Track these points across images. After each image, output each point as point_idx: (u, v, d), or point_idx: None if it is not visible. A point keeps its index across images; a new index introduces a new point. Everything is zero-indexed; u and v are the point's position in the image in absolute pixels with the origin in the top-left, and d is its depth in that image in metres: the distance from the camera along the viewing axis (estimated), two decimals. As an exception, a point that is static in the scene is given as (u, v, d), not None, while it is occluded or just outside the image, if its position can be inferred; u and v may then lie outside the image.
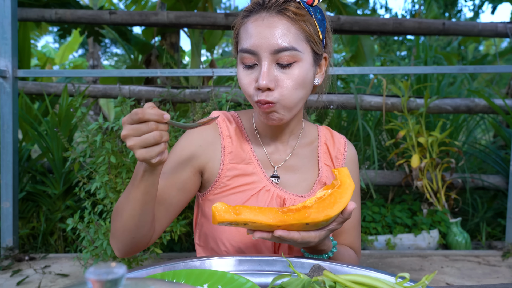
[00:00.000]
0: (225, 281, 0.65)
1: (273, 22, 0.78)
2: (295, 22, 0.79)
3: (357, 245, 0.99)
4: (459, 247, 2.72)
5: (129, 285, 0.37)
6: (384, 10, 8.44)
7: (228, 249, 0.88)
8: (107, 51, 14.83)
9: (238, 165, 0.91)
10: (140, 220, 0.78)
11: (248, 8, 0.83)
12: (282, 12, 0.79)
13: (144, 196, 0.75)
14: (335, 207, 0.70)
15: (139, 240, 0.82)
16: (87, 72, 3.69)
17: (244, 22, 0.82)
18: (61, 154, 2.64)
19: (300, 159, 0.95)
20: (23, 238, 2.70)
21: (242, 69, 0.83)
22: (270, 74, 0.78)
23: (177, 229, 1.93)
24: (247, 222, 0.66)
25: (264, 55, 0.78)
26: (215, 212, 0.66)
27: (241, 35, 0.83)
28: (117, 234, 0.81)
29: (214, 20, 3.29)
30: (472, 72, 2.78)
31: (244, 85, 0.82)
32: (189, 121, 2.11)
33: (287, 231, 0.69)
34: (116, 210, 0.80)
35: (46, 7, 3.70)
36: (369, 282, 0.57)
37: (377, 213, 2.87)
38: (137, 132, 0.66)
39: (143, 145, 0.67)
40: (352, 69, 2.73)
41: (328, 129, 1.03)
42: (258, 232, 0.69)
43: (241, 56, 0.81)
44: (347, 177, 0.75)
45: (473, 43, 7.60)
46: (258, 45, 0.78)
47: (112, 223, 0.82)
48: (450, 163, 2.85)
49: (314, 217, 0.68)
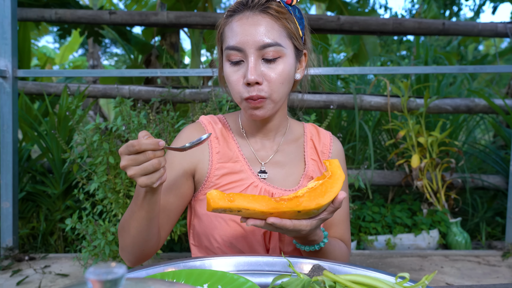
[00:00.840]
0: (225, 281, 0.65)
1: (258, 20, 0.82)
2: (277, 20, 0.83)
3: (347, 238, 1.01)
4: (459, 247, 2.72)
5: (129, 285, 0.37)
6: (384, 9, 8.43)
7: (220, 244, 0.91)
8: (107, 51, 14.82)
9: (226, 164, 0.93)
10: (147, 235, 0.83)
11: (231, 8, 0.87)
12: (265, 10, 0.83)
13: (148, 214, 0.79)
14: (326, 196, 0.72)
15: (149, 251, 0.87)
16: (87, 72, 3.69)
17: (229, 22, 0.86)
18: (60, 155, 2.64)
19: (287, 154, 0.98)
20: (23, 238, 2.70)
21: (229, 66, 0.86)
22: (257, 69, 0.82)
23: (177, 229, 1.93)
24: (241, 209, 0.68)
25: (251, 51, 0.82)
26: (210, 199, 0.67)
27: (226, 34, 0.86)
28: (128, 249, 0.85)
29: (214, 20, 3.29)
30: (472, 72, 2.78)
31: (233, 82, 0.85)
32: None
33: (280, 219, 0.70)
34: (122, 227, 0.85)
35: (46, 7, 3.70)
36: (369, 282, 0.57)
37: (377, 213, 2.87)
38: (136, 162, 0.70)
39: (143, 173, 0.70)
40: (352, 69, 2.73)
41: (313, 126, 1.07)
42: (251, 219, 0.71)
43: (227, 53, 0.85)
44: (337, 168, 0.77)
45: (473, 43, 7.60)
46: (244, 42, 0.82)
47: (120, 239, 0.86)
48: (450, 163, 2.85)
49: (306, 205, 0.70)
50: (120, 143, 2.08)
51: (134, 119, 1.97)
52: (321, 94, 2.94)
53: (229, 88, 0.88)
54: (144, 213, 0.79)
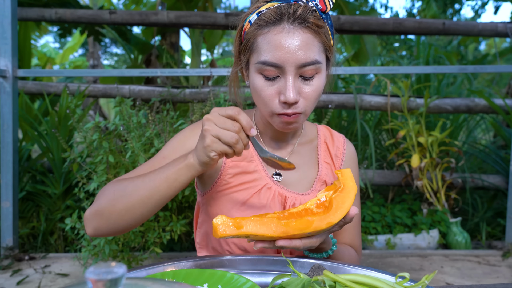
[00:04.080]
0: (225, 280, 0.65)
1: (298, 35, 0.77)
2: (317, 35, 0.79)
3: (358, 244, 0.99)
4: (459, 247, 2.72)
5: (129, 285, 0.37)
6: (384, 9, 8.43)
7: (231, 248, 0.89)
8: (107, 51, 14.81)
9: (240, 163, 0.91)
10: (148, 211, 0.77)
11: (267, 17, 0.79)
12: (305, 24, 0.78)
13: (167, 190, 0.75)
14: (337, 213, 0.70)
15: (129, 228, 0.79)
16: (87, 72, 3.69)
17: (264, 33, 0.79)
18: (61, 154, 2.64)
19: (301, 157, 0.96)
20: (23, 238, 2.70)
21: (263, 81, 0.81)
22: (296, 87, 0.79)
23: (177, 228, 1.93)
24: (249, 235, 0.67)
25: (290, 69, 0.78)
26: (216, 227, 0.66)
27: (260, 46, 0.80)
28: (111, 216, 0.77)
29: (214, 20, 3.29)
30: (472, 72, 2.78)
31: (266, 97, 0.81)
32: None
33: (289, 241, 0.69)
34: (118, 190, 0.77)
35: (46, 6, 3.70)
36: (369, 281, 0.57)
37: (377, 213, 2.87)
38: (221, 123, 0.68)
39: (217, 136, 0.68)
40: (352, 69, 2.72)
41: (327, 128, 1.05)
42: (259, 242, 0.69)
43: (261, 67, 0.79)
44: (350, 180, 0.75)
45: (473, 43, 7.59)
46: (284, 59, 0.77)
47: (107, 201, 0.77)
48: (450, 163, 2.85)
49: (317, 225, 0.68)
50: (120, 142, 2.08)
51: (134, 118, 1.97)
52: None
53: (258, 101, 0.84)
54: (165, 187, 0.74)
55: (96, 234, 0.81)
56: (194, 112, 2.25)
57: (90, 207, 0.80)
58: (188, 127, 0.95)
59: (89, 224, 0.80)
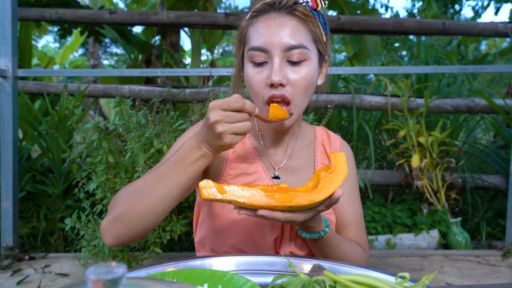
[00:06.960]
0: (225, 281, 0.65)
1: (284, 21, 0.81)
2: (304, 22, 0.82)
3: (363, 241, 0.98)
4: (459, 247, 2.72)
5: (129, 285, 0.37)
6: (384, 9, 8.42)
7: (228, 248, 0.89)
8: (107, 51, 14.81)
9: (241, 164, 0.92)
10: (170, 206, 0.77)
11: (257, 8, 0.85)
12: (292, 12, 0.82)
13: (187, 181, 0.75)
14: (322, 193, 0.71)
15: (150, 228, 0.78)
16: (87, 72, 3.69)
17: (254, 22, 0.85)
18: (60, 154, 2.64)
19: (299, 160, 0.97)
20: (23, 238, 2.70)
21: (252, 67, 0.84)
22: (282, 70, 0.80)
23: (177, 228, 1.93)
24: (231, 201, 0.68)
25: (276, 52, 0.80)
26: (202, 189, 0.68)
27: (250, 35, 0.85)
28: (132, 219, 0.75)
29: (214, 20, 3.29)
30: (472, 72, 2.78)
31: (255, 83, 0.83)
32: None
33: (270, 211, 0.70)
34: (133, 193, 0.76)
35: (46, 6, 3.71)
36: (369, 282, 0.57)
37: (377, 213, 2.87)
38: (231, 119, 0.70)
39: (236, 132, 0.70)
40: (352, 69, 2.72)
41: (324, 130, 1.06)
42: (242, 209, 0.71)
43: (250, 54, 0.83)
44: (342, 163, 0.75)
45: (473, 43, 7.59)
46: (270, 42, 0.80)
47: (124, 206, 0.76)
48: (450, 163, 2.85)
49: (298, 201, 0.70)
50: (120, 143, 2.08)
51: (133, 119, 1.97)
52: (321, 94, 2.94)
53: (250, 92, 0.86)
54: (185, 179, 0.74)
55: (116, 243, 0.79)
56: (194, 112, 2.25)
57: (106, 217, 0.79)
58: (191, 128, 0.96)
59: (107, 233, 0.78)
